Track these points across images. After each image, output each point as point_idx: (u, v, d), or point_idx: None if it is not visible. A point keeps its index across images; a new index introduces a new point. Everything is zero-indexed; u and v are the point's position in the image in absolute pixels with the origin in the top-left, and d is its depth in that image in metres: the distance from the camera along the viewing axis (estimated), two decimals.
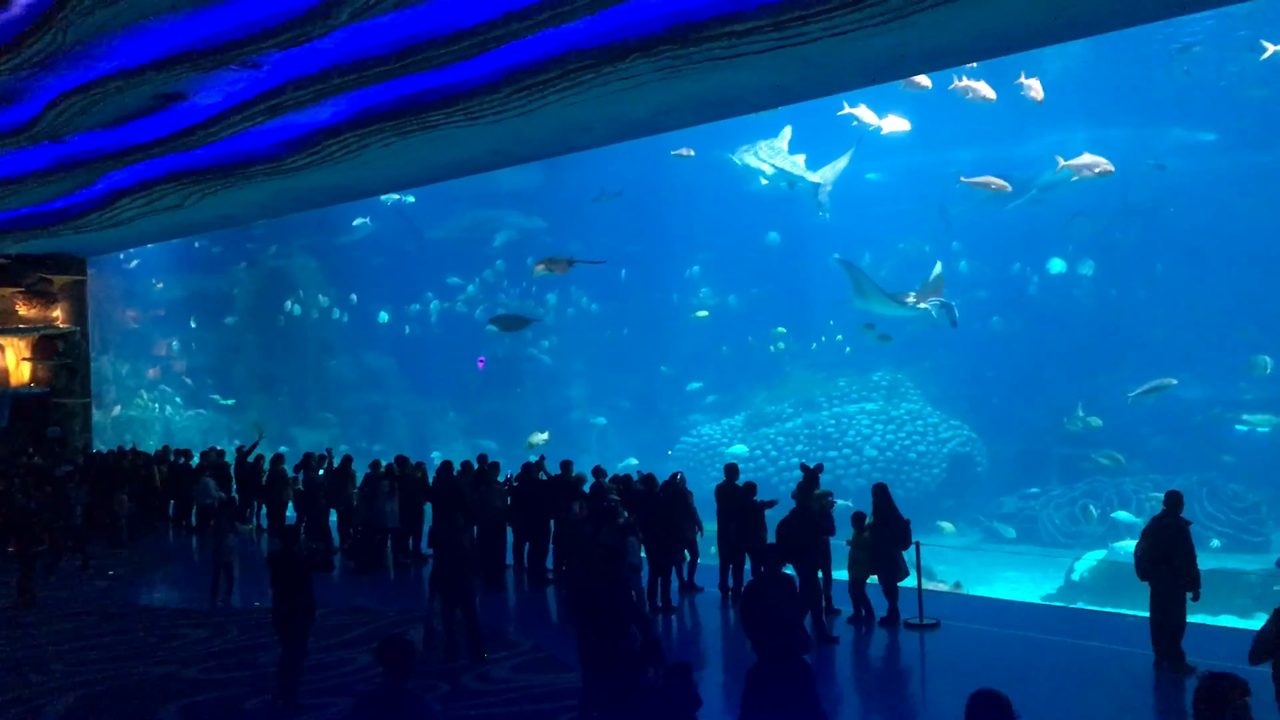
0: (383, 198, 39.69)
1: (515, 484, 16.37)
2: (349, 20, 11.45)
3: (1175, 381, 27.93)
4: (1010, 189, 29.20)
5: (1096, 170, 27.42)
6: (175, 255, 43.97)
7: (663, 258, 43.14)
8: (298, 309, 44.04)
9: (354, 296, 44.32)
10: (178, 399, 45.89)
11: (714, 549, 14.82)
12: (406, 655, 6.15)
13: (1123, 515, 27.56)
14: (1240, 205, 33.68)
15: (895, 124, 30.62)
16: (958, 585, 22.43)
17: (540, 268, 28.49)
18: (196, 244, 44.60)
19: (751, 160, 33.83)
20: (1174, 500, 10.73)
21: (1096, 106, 33.71)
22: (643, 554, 13.50)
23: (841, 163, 34.06)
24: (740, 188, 36.12)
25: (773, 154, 33.75)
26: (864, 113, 30.29)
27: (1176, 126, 32.00)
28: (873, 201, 39.06)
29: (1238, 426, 31.88)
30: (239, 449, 23.13)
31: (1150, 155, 31.73)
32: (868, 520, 12.90)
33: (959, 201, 35.45)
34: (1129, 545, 14.84)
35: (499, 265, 43.92)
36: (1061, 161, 27.66)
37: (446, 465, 17.38)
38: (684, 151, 33.16)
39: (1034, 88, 27.15)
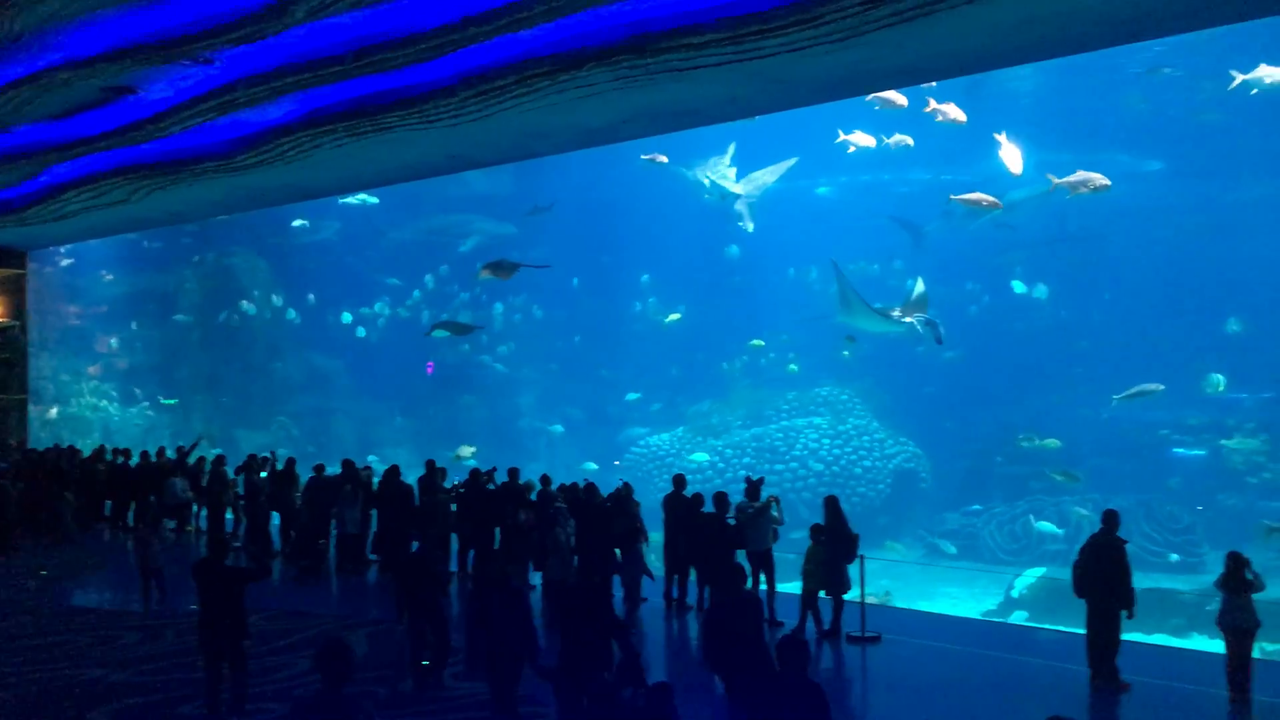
0: (346, 198, 39.45)
1: (461, 491, 16.28)
2: (304, 19, 11.35)
3: (1162, 387, 28.14)
4: (1002, 207, 28.48)
5: (1092, 186, 26.38)
6: (121, 251, 43.23)
7: (625, 267, 43.30)
8: (252, 309, 43.44)
9: (311, 297, 43.82)
10: (118, 398, 45.07)
11: (653, 558, 14.81)
12: (345, 661, 6.07)
13: (1045, 526, 28.10)
14: (1184, 231, 34.48)
15: (862, 139, 30.81)
16: (887, 596, 22.61)
17: (485, 273, 28.22)
18: (145, 242, 43.98)
19: (700, 175, 34.09)
20: (1111, 519, 10.90)
21: (1049, 130, 34.29)
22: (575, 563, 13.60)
23: (765, 176, 34.19)
24: (697, 200, 36.33)
25: (710, 168, 34.01)
26: (860, 138, 30.47)
27: (1122, 153, 32.61)
28: (824, 216, 39.47)
29: (1176, 450, 32.56)
30: (179, 450, 22.75)
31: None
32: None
33: (931, 220, 35.97)
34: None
35: (443, 271, 43.72)
36: (1054, 180, 26.64)
37: (394, 470, 17.22)
38: (657, 157, 33.14)
39: (949, 112, 27.42)
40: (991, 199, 28.05)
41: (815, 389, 35.96)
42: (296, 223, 42.79)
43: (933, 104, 27.46)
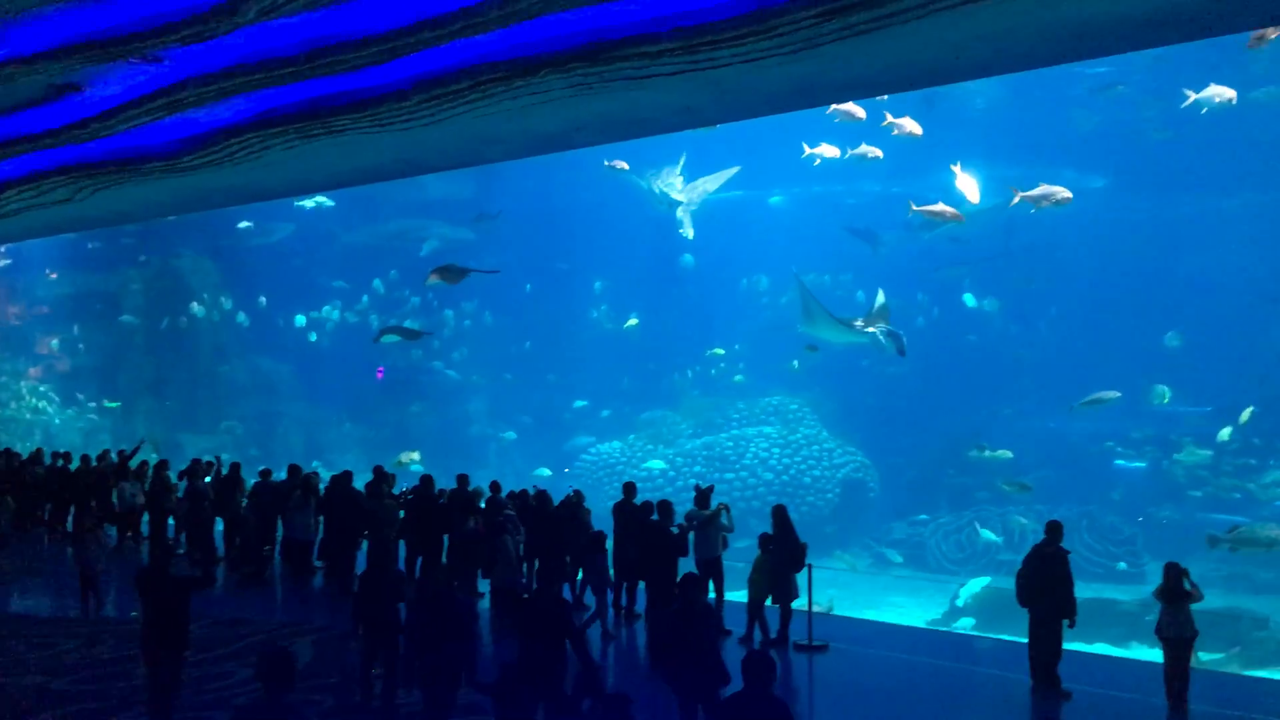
0: (301, 201, 39.10)
1: (410, 497, 16.13)
2: (256, 19, 11.21)
3: (1118, 394, 28.48)
4: (964, 220, 28.55)
5: (1054, 199, 26.54)
6: (63, 251, 42.54)
7: (580, 273, 43.36)
8: (201, 311, 42.82)
9: (263, 299, 43.29)
10: (59, 400, 44.18)
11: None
12: (287, 669, 6.00)
13: (987, 534, 28.53)
14: (1126, 247, 35.15)
15: (828, 151, 31.01)
16: (830, 605, 22.76)
17: (434, 277, 27.98)
18: (89, 243, 43.28)
19: (651, 184, 34.21)
20: (1054, 529, 11.06)
21: (999, 145, 34.81)
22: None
23: (706, 184, 34.36)
24: (652, 209, 36.48)
25: (662, 178, 34.14)
26: (826, 150, 30.66)
27: (1068, 168, 33.15)
28: (776, 226, 39.79)
29: (1118, 462, 33.16)
30: (120, 454, 22.32)
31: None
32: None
33: (887, 229, 36.36)
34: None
35: (393, 275, 43.45)
36: (1017, 194, 26.80)
37: (344, 475, 17.04)
38: (618, 164, 33.10)
39: (905, 125, 27.69)
40: (954, 211, 28.19)
41: (766, 398, 36.24)
42: (243, 224, 42.29)
43: (889, 118, 27.70)
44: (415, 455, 33.31)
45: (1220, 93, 26.13)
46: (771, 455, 32.91)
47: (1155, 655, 10.86)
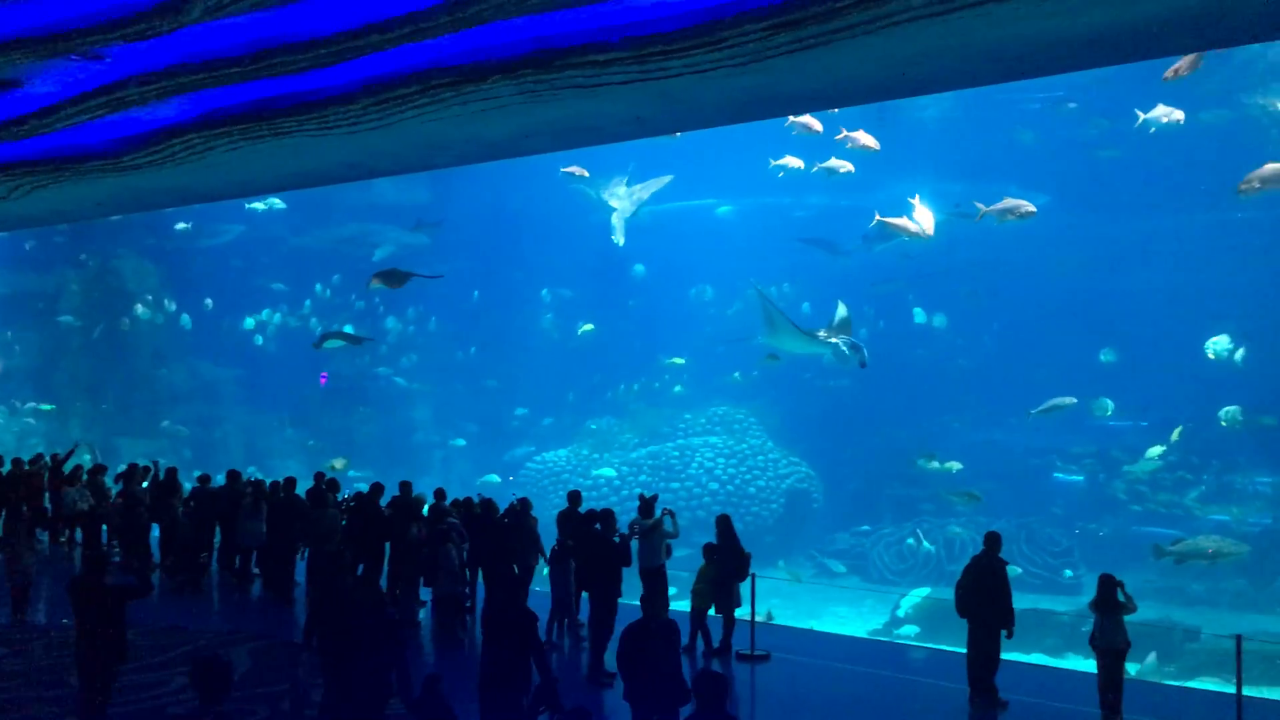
0: (252, 203, 38.62)
1: (352, 504, 15.95)
2: (201, 18, 11.05)
3: (1074, 400, 28.84)
4: (931, 236, 28.05)
5: (1019, 213, 26.37)
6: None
7: (532, 282, 43.27)
8: (146, 313, 42.03)
9: (209, 302, 42.60)
10: None
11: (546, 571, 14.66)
12: (222, 678, 5.91)
13: (914, 543, 28.87)
14: (1067, 263, 35.76)
15: (792, 162, 31.17)
16: (769, 616, 22.87)
17: (375, 281, 27.72)
18: (26, 244, 42.36)
19: (600, 193, 34.24)
20: (993, 541, 11.21)
21: (946, 161, 35.27)
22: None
23: (640, 192, 34.41)
24: (603, 218, 36.49)
25: (611, 187, 34.18)
26: (791, 161, 30.82)
27: (1012, 184, 33.65)
28: (724, 237, 40.01)
29: (1056, 475, 33.70)
30: (53, 458, 21.84)
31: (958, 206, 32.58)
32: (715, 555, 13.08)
33: (841, 241, 36.69)
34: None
35: (335, 280, 43.06)
36: (982, 208, 26.80)
37: (290, 482, 16.79)
38: (575, 170, 32.99)
39: (860, 138, 27.94)
40: (918, 226, 28.05)
41: (712, 409, 36.40)
42: (180, 226, 41.63)
43: (844, 132, 27.90)
44: (344, 461, 32.81)
45: (1169, 113, 26.57)
46: (717, 465, 33.03)
47: (1091, 666, 11.04)
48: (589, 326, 40.91)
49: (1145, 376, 32.11)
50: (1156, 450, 30.63)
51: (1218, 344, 29.55)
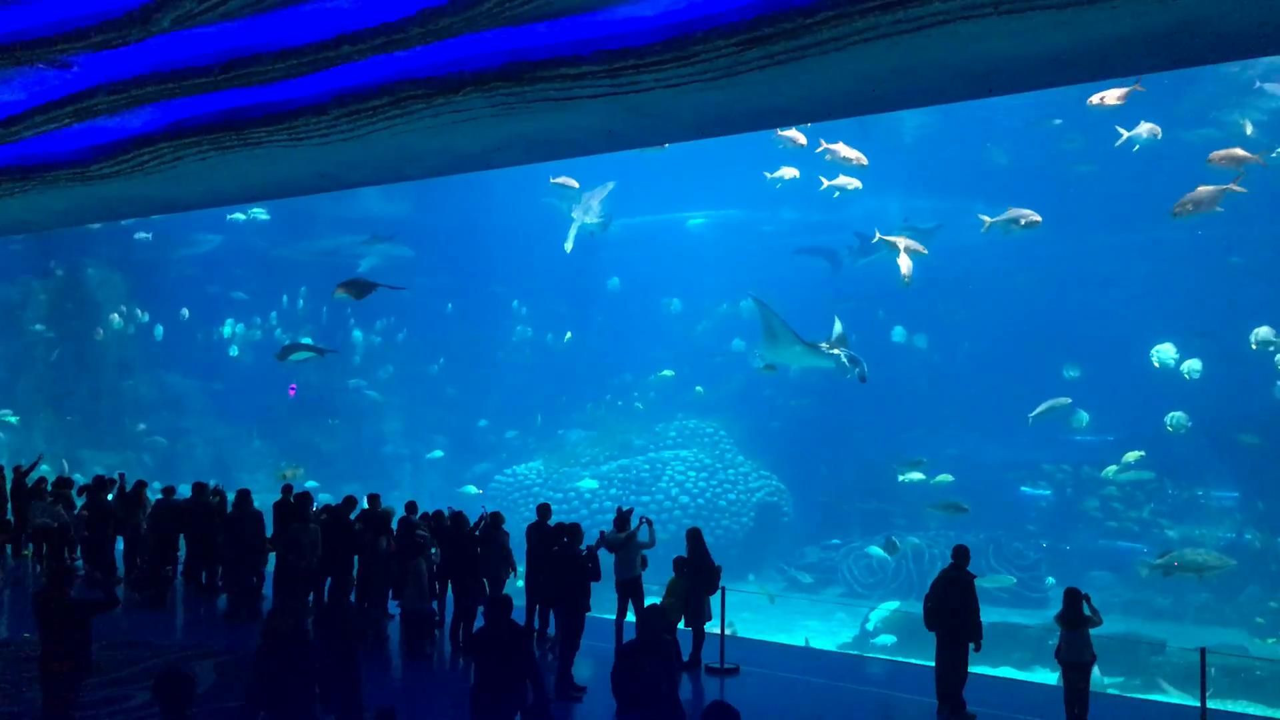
0: (234, 214, 38.37)
1: (324, 517, 15.79)
2: (171, 27, 11.01)
3: (1069, 400, 28.84)
4: (926, 253, 28.05)
5: (1024, 222, 25.94)
6: None
7: (509, 295, 43.20)
8: (119, 323, 41.59)
9: (185, 312, 42.20)
10: None
11: (520, 584, 14.59)
12: (185, 692, 5.85)
13: (874, 550, 28.94)
14: (1035, 279, 36.06)
15: (788, 172, 31.23)
16: (732, 628, 22.85)
17: (340, 291, 27.54)
18: None
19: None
20: (961, 554, 11.26)
21: (919, 176, 35.48)
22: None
23: (592, 199, 34.37)
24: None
25: (577, 198, 34.22)
26: (787, 171, 31.02)
27: (979, 200, 33.87)
28: (694, 250, 40.09)
29: (1023, 489, 33.93)
30: (16, 469, 21.56)
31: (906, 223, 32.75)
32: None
33: (823, 254, 36.84)
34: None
35: (303, 290, 42.82)
36: (986, 220, 26.49)
37: (245, 494, 16.62)
38: (564, 180, 32.84)
39: (840, 151, 28.02)
40: (917, 245, 28.03)
41: (684, 422, 36.41)
42: (139, 235, 41.24)
43: (824, 144, 27.98)
44: (297, 470, 32.48)
45: (1150, 129, 26.74)
46: (688, 479, 33.05)
47: (1057, 679, 11.11)
48: (568, 336, 40.93)
49: (1113, 392, 32.35)
50: (1133, 455, 30.69)
51: (1163, 352, 29.70)
